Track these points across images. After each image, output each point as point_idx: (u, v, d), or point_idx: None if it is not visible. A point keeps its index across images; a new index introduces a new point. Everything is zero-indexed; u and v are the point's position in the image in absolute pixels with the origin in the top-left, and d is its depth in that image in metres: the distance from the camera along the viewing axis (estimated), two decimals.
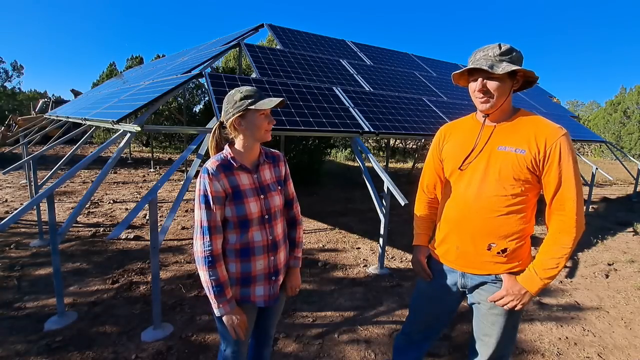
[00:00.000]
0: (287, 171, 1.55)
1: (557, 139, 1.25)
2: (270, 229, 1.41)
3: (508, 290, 1.32)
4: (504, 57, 1.27)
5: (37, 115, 12.98)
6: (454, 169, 1.43)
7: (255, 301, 1.42)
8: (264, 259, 1.40)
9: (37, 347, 2.29)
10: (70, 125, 6.80)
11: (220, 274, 1.31)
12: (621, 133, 18.94)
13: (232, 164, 1.35)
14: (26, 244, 3.97)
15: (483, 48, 1.32)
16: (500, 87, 1.28)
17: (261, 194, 1.39)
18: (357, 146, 4.01)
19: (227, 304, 1.32)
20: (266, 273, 1.41)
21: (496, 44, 1.29)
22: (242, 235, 1.35)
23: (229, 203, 1.33)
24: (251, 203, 1.35)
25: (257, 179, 1.40)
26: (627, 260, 4.31)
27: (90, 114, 4.74)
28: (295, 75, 4.86)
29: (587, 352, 2.49)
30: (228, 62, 13.62)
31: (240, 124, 1.35)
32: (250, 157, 1.41)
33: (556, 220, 1.28)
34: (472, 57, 1.33)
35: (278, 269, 1.46)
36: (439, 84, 6.88)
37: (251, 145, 1.39)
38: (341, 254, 4.13)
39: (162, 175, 2.84)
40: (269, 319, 1.60)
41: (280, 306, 1.61)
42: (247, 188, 1.37)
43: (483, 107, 1.33)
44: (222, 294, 1.31)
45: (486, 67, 1.24)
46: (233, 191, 1.34)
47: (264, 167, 1.44)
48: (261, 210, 1.38)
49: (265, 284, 1.42)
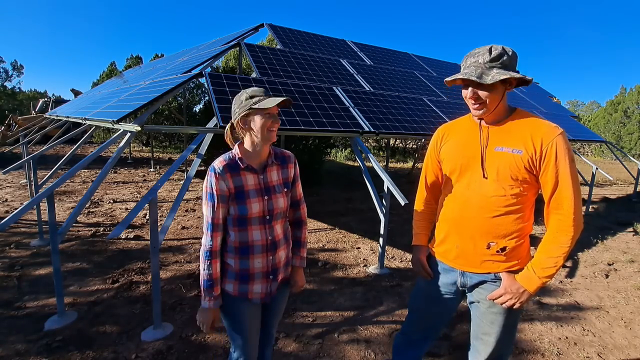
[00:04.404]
0: (297, 172, 1.55)
1: (553, 139, 1.25)
2: (270, 229, 1.42)
3: (507, 288, 1.33)
4: (495, 62, 1.25)
5: (37, 115, 12.98)
6: (453, 170, 1.44)
7: (252, 298, 1.43)
8: (263, 257, 1.41)
9: (37, 347, 2.29)
10: (70, 125, 6.81)
11: (214, 270, 1.36)
12: (621, 133, 18.94)
13: (238, 164, 1.37)
14: (26, 244, 3.98)
15: (473, 53, 1.29)
16: (491, 94, 1.28)
17: (265, 195, 1.40)
18: (357, 146, 4.01)
19: (212, 300, 1.37)
20: (264, 271, 1.43)
21: (487, 48, 1.27)
22: (241, 233, 1.37)
23: (232, 202, 1.36)
24: (253, 203, 1.36)
25: (263, 179, 1.41)
26: (627, 260, 4.31)
27: (90, 113, 4.74)
28: (295, 75, 4.86)
29: (587, 352, 2.50)
30: (228, 61, 13.62)
31: (245, 124, 1.36)
32: (258, 157, 1.41)
33: (554, 219, 1.29)
34: (463, 62, 1.32)
35: (277, 268, 1.46)
36: (439, 84, 6.88)
37: (259, 146, 1.38)
38: (341, 254, 4.13)
39: (162, 175, 2.84)
40: (271, 317, 1.60)
41: (282, 305, 1.61)
42: (252, 189, 1.37)
43: (477, 113, 1.33)
44: (211, 289, 1.36)
45: (474, 78, 1.23)
46: (236, 191, 1.35)
47: (271, 168, 1.44)
48: (263, 210, 1.39)
49: (263, 282, 1.44)
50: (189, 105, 14.89)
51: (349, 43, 7.16)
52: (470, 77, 1.24)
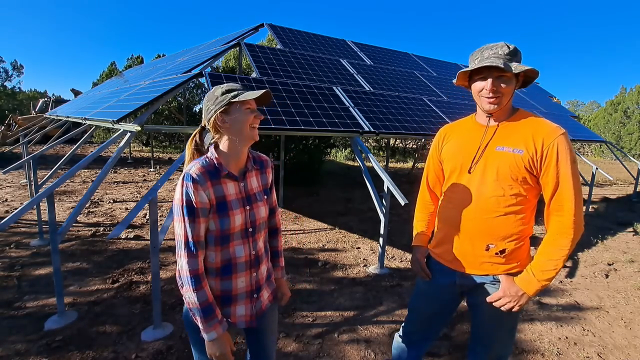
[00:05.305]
0: (272, 178, 1.42)
1: (554, 139, 1.24)
2: (253, 243, 1.28)
3: (505, 291, 1.32)
4: (513, 57, 1.26)
5: (37, 115, 12.98)
6: (454, 169, 1.43)
7: (235, 322, 1.28)
8: (246, 275, 1.27)
9: (37, 347, 2.29)
10: (70, 125, 6.81)
11: (208, 293, 1.17)
12: (621, 133, 18.94)
13: (219, 171, 1.19)
14: (26, 244, 3.98)
15: (490, 46, 1.29)
16: (509, 87, 1.28)
17: (247, 205, 1.25)
18: (357, 146, 4.01)
19: (219, 325, 1.17)
20: (248, 291, 1.29)
21: (503, 43, 1.27)
22: (223, 251, 1.22)
23: (212, 215, 1.18)
24: (236, 215, 1.21)
25: (244, 187, 1.26)
26: (627, 260, 4.31)
27: (90, 113, 4.74)
28: (295, 74, 4.86)
29: (586, 352, 2.50)
30: (228, 61, 13.62)
31: (224, 121, 1.19)
32: (237, 162, 1.25)
33: (555, 221, 1.27)
34: (479, 55, 1.30)
35: (260, 285, 1.33)
36: (439, 84, 6.88)
37: (239, 148, 1.23)
38: (341, 254, 4.13)
39: (162, 174, 2.84)
40: (265, 338, 1.43)
41: (274, 324, 1.47)
42: (233, 199, 1.21)
43: (490, 107, 1.31)
44: (212, 315, 1.17)
45: (502, 65, 1.21)
46: (217, 202, 1.18)
47: (251, 174, 1.30)
48: (245, 222, 1.25)
49: (247, 303, 1.29)
50: (189, 105, 14.89)
51: (349, 43, 7.16)
52: (498, 64, 1.21)
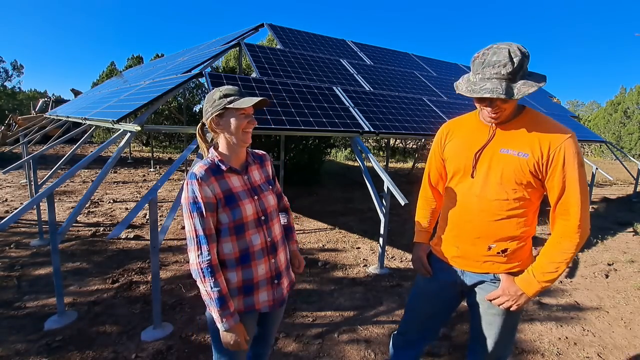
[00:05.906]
0: (273, 170, 1.52)
1: (561, 143, 1.20)
2: (268, 230, 1.36)
3: (504, 290, 1.32)
4: (518, 72, 1.15)
5: (37, 115, 12.98)
6: (457, 171, 1.41)
7: (259, 308, 1.36)
8: (265, 262, 1.35)
9: (37, 347, 2.29)
10: (70, 125, 6.81)
11: (222, 285, 1.24)
12: (621, 133, 18.94)
13: (220, 167, 1.29)
14: (26, 244, 3.97)
15: (492, 62, 1.16)
16: (512, 102, 1.23)
17: (254, 195, 1.34)
18: (357, 146, 4.01)
19: (231, 317, 1.25)
20: (268, 277, 1.37)
21: (506, 55, 1.14)
22: (239, 241, 1.30)
23: (223, 208, 1.27)
24: (246, 205, 1.30)
25: (247, 180, 1.36)
26: (627, 260, 4.31)
27: (90, 113, 4.75)
28: (295, 74, 4.86)
29: (586, 352, 2.50)
30: (228, 61, 13.62)
31: (218, 124, 1.29)
32: (237, 158, 1.35)
33: (560, 224, 1.26)
34: (480, 70, 1.19)
35: (280, 271, 1.41)
36: (439, 84, 6.88)
37: (235, 148, 1.32)
38: (341, 254, 4.13)
39: (162, 174, 2.84)
40: (269, 325, 1.54)
41: (280, 314, 1.56)
42: (240, 190, 1.31)
43: (492, 121, 1.29)
44: (226, 306, 1.24)
45: (503, 96, 1.14)
46: (225, 195, 1.27)
47: (252, 168, 1.40)
48: (257, 211, 1.33)
49: (269, 289, 1.37)
50: (189, 105, 14.87)
51: (349, 43, 7.16)
52: (499, 95, 1.14)
